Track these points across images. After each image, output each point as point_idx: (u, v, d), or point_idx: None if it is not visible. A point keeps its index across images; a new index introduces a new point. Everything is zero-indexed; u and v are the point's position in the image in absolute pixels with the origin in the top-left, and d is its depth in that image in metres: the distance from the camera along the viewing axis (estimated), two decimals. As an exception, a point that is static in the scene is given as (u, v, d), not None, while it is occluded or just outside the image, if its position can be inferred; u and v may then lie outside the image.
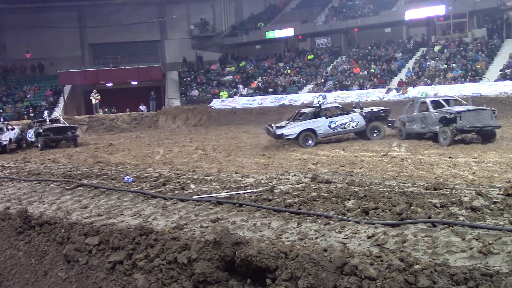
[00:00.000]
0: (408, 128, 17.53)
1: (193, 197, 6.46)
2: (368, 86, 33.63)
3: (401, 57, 36.77)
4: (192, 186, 7.35)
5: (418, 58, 35.74)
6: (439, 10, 36.23)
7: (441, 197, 5.49)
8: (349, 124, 18.54)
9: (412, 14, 37.29)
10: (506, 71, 29.88)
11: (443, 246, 3.82)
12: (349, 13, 42.33)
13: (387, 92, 31.41)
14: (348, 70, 37.04)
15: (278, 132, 17.60)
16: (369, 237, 4.19)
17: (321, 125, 18.14)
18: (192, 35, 48.68)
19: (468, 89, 28.51)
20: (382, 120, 19.05)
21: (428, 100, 17.65)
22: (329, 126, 18.26)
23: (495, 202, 5.02)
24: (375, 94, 31.79)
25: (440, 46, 35.90)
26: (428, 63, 34.29)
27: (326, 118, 18.46)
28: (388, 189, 6.16)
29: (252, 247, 3.96)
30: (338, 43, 42.19)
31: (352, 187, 6.48)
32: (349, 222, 4.68)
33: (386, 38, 39.67)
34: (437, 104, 17.18)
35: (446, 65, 32.99)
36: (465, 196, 5.51)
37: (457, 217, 4.56)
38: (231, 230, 4.47)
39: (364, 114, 18.71)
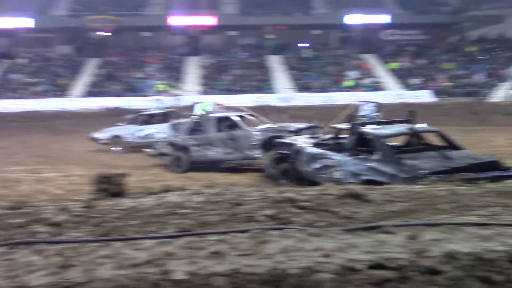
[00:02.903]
0: (197, 154, 13.34)
1: None
2: None
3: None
4: None
5: (3, 71, 33.97)
6: (27, 22, 35.33)
7: (24, 216, 5.32)
8: None
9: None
10: (90, 88, 31.63)
11: (23, 267, 3.70)
12: None
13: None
14: None
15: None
16: None
17: None
18: None
19: (54, 104, 29.00)
20: None
21: (234, 117, 13.70)
22: None
23: (77, 215, 5.19)
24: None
25: (27, 60, 35.11)
26: (13, 75, 33.01)
27: None
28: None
29: None
30: None
31: None
32: None
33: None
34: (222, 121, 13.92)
35: (32, 79, 32.49)
36: (48, 212, 5.51)
37: (39, 235, 4.51)
38: None
39: None
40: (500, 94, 31.53)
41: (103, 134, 18.67)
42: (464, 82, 33.85)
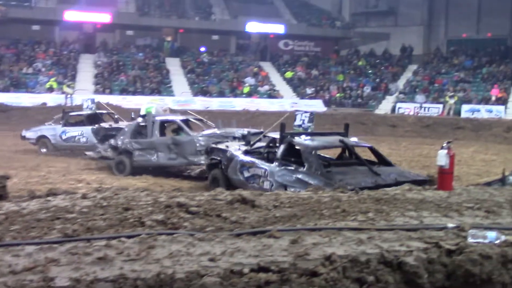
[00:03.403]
0: (140, 158, 12.79)
1: None
2: None
3: None
4: None
5: None
6: None
7: None
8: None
9: None
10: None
11: None
12: None
13: None
14: None
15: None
16: None
17: None
18: None
19: None
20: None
21: (179, 121, 13.38)
22: None
23: None
24: None
25: None
26: None
27: None
28: None
29: None
30: None
31: None
32: None
33: None
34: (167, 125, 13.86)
35: None
36: None
37: None
38: None
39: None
40: (385, 106, 33.76)
41: (32, 133, 17.17)
42: (353, 94, 35.81)
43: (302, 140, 8.98)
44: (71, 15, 34.37)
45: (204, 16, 39.14)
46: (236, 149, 10.28)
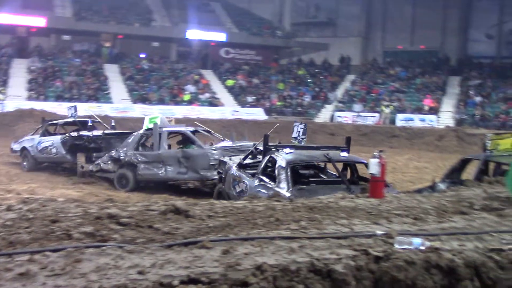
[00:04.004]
0: (145, 172, 12.08)
1: None
2: None
3: None
4: None
5: None
6: None
7: None
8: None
9: None
10: None
11: None
12: None
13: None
14: None
15: None
16: None
17: None
18: None
19: None
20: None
21: (189, 134, 12.68)
22: None
23: None
24: None
25: None
26: None
27: None
28: None
29: None
30: None
31: None
32: None
33: None
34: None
35: None
36: None
37: None
38: None
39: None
40: (324, 115, 34.48)
41: (18, 145, 15.62)
42: (293, 103, 36.34)
43: (280, 154, 8.44)
44: (3, 18, 33.00)
45: (144, 23, 38.62)
46: (234, 162, 9.73)
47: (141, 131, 12.83)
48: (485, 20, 38.38)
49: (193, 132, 12.92)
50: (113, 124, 16.17)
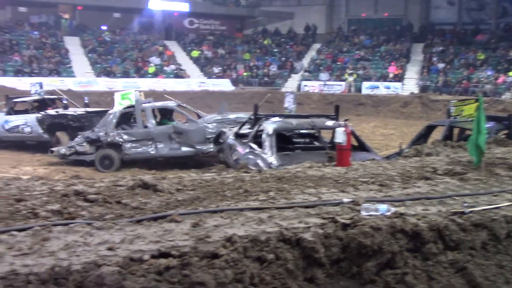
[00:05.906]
0: (133, 151, 11.61)
1: None
2: None
3: None
4: None
5: None
6: None
7: None
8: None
9: None
10: None
11: None
12: None
13: None
14: None
15: None
16: None
17: None
18: None
19: None
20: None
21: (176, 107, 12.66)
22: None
23: None
24: None
25: None
26: None
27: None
28: None
29: None
30: None
31: None
32: None
33: None
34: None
35: None
36: None
37: None
38: None
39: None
40: (291, 84, 34.48)
41: None
42: (260, 73, 36.19)
43: (267, 122, 8.95)
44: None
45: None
46: (231, 131, 10.21)
47: (120, 109, 12.22)
48: (447, -14, 38.76)
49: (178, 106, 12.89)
50: (86, 101, 15.60)
